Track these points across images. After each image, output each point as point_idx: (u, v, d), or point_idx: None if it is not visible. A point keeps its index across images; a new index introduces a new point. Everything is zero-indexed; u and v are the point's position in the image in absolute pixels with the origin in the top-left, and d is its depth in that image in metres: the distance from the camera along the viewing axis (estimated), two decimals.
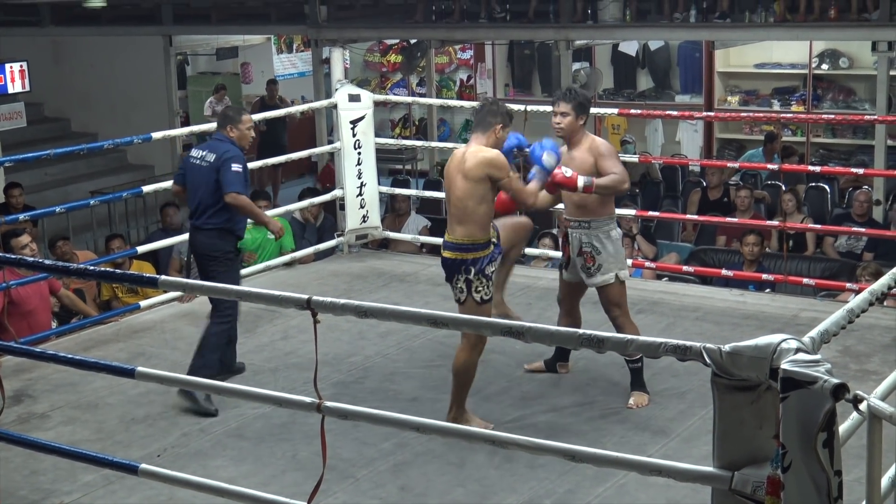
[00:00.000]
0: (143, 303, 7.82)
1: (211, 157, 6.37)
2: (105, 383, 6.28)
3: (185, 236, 8.54)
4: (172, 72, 16.46)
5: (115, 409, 6.11)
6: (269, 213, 9.20)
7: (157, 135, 7.94)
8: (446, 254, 5.73)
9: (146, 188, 8.23)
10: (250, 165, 10.15)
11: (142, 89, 16.32)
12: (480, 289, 5.67)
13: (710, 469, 3.14)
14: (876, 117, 11.00)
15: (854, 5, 12.05)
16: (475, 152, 5.67)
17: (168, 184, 8.35)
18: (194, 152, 6.55)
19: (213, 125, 9.48)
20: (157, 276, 4.18)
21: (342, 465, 5.27)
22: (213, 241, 6.36)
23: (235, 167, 6.31)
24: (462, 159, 5.69)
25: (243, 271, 8.36)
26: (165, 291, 7.59)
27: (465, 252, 5.66)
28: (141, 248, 8.25)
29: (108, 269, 7.86)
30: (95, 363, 4.96)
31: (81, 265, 5.35)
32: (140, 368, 4.45)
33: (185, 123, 16.64)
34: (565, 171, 5.89)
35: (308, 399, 3.96)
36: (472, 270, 5.65)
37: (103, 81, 16.68)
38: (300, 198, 10.25)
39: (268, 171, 15.86)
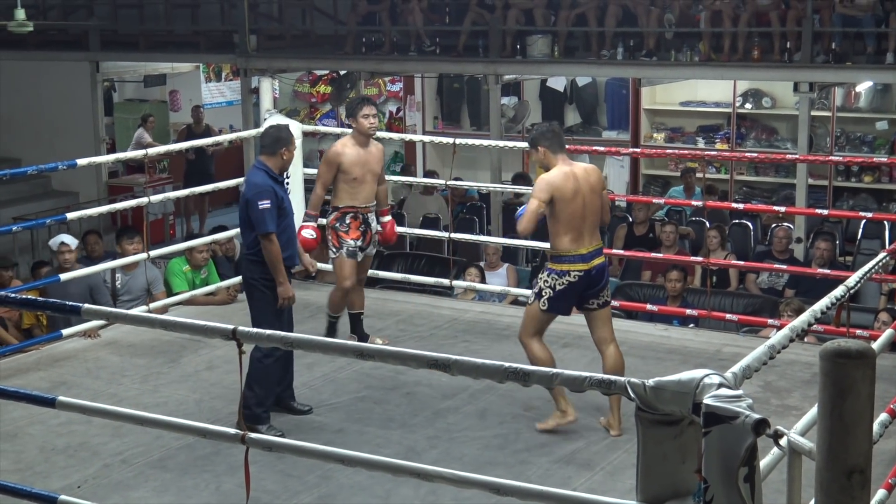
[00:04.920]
0: (65, 331, 7.69)
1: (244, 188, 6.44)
2: (25, 413, 6.16)
3: (110, 264, 8.48)
4: (99, 98, 16.29)
5: (35, 438, 6.02)
6: (194, 242, 9.20)
7: (82, 161, 7.87)
8: (603, 258, 6.19)
9: (70, 215, 8.07)
10: (178, 193, 10.18)
11: (67, 115, 16.13)
12: None
13: (633, 503, 3.16)
14: (797, 156, 11.21)
15: (777, 47, 12.31)
16: (594, 171, 6.15)
17: (92, 210, 8.27)
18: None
19: (138, 152, 9.43)
20: (80, 305, 4.12)
21: (266, 497, 5.23)
22: (250, 267, 6.32)
23: (263, 204, 6.18)
24: (592, 177, 6.06)
25: (172, 299, 8.34)
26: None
27: None
28: (64, 276, 8.13)
29: (30, 296, 7.73)
30: (15, 392, 4.87)
31: (2, 293, 5.27)
32: (61, 398, 4.39)
33: (111, 150, 16.47)
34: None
35: (233, 430, 3.93)
36: None
37: (28, 106, 16.46)
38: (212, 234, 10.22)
39: (195, 200, 15.75)
